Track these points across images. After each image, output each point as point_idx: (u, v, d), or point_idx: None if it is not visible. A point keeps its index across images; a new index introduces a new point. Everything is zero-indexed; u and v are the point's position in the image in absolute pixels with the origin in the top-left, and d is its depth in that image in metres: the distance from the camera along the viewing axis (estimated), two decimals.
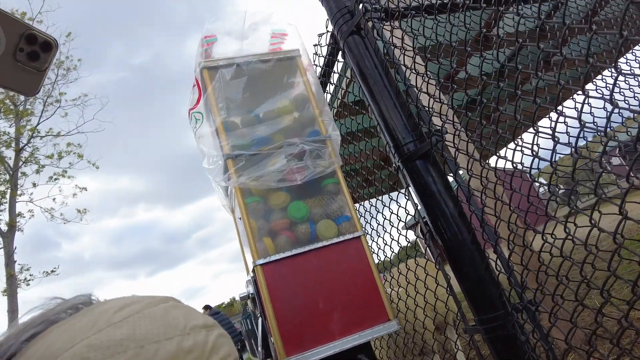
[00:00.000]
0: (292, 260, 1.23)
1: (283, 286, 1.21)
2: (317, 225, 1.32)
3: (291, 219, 1.31)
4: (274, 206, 1.33)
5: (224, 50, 1.50)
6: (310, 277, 1.23)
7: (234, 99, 1.45)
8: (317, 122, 1.44)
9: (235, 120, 1.43)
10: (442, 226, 1.32)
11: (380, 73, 1.50)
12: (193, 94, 1.52)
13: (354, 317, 1.22)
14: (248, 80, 1.49)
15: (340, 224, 1.32)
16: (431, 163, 1.35)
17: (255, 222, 1.28)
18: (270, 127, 1.40)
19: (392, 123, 1.45)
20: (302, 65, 1.50)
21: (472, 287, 1.28)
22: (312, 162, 1.32)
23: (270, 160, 1.31)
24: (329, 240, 1.28)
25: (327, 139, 1.41)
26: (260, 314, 1.27)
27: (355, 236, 1.30)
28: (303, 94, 1.47)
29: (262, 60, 1.47)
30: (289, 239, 1.28)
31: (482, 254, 1.28)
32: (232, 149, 1.32)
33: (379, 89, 1.49)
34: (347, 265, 1.27)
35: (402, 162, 1.42)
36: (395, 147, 1.45)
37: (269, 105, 1.51)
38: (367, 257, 1.29)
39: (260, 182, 1.27)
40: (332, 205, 1.36)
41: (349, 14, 1.59)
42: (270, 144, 1.36)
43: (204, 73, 1.41)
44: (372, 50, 1.52)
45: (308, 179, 1.31)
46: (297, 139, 1.34)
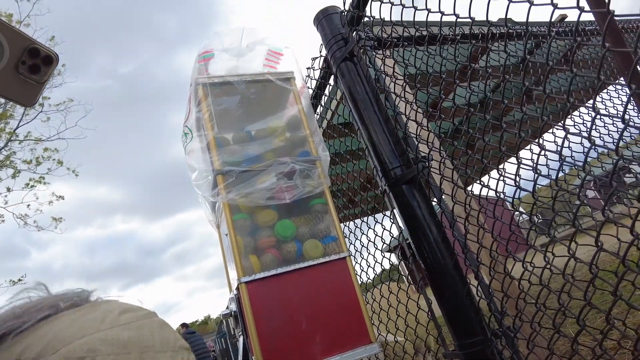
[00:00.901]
0: (278, 279, 1.24)
1: (267, 305, 1.21)
2: (303, 244, 1.33)
3: (278, 237, 1.32)
4: (261, 224, 1.34)
5: (220, 67, 1.52)
6: (295, 297, 1.23)
7: (227, 116, 1.47)
8: (307, 143, 1.47)
9: (227, 137, 1.45)
10: (425, 250, 1.35)
11: (371, 99, 1.55)
12: (186, 108, 1.53)
13: (337, 338, 1.23)
14: (242, 98, 1.51)
15: (327, 244, 1.34)
16: (417, 188, 1.39)
17: (242, 239, 1.29)
18: (262, 145, 1.42)
19: (381, 147, 1.49)
20: (296, 87, 1.54)
21: (453, 311, 1.31)
22: (301, 181, 1.34)
23: (261, 178, 1.32)
24: (315, 260, 1.29)
25: (317, 159, 1.43)
26: (242, 332, 1.26)
27: (341, 257, 1.32)
28: (295, 115, 1.50)
29: (257, 80, 1.50)
30: (275, 257, 1.29)
31: (464, 280, 1.30)
32: (223, 164, 1.33)
33: (368, 114, 1.53)
34: (331, 286, 1.28)
35: (388, 185, 1.46)
36: (382, 170, 1.48)
37: (261, 124, 1.54)
38: (352, 279, 1.30)
39: (249, 199, 1.28)
40: (319, 225, 1.37)
41: (343, 40, 1.65)
42: (260, 162, 1.38)
43: (198, 88, 1.43)
44: (364, 77, 1.57)
45: (296, 198, 1.33)
46: (288, 158, 1.36)
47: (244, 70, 1.56)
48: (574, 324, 2.89)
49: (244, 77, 1.50)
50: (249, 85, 1.50)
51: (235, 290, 1.31)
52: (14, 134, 14.81)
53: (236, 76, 1.49)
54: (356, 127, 1.68)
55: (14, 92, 0.58)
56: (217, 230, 1.62)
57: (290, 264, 1.28)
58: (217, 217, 1.56)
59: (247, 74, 1.52)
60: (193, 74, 1.49)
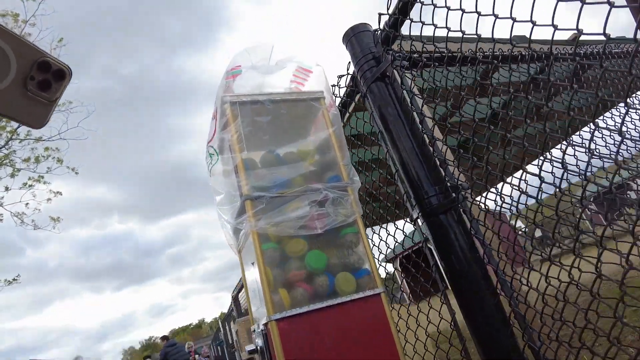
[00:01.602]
0: (309, 316, 1.16)
1: (298, 344, 1.12)
2: (335, 277, 1.25)
3: (308, 269, 1.24)
4: (291, 254, 1.26)
5: (245, 83, 1.45)
6: (327, 335, 1.15)
7: (254, 136, 1.39)
8: (338, 167, 1.39)
9: (254, 159, 1.37)
10: (463, 287, 1.28)
11: (404, 122, 1.47)
12: (211, 126, 1.46)
13: None
14: (270, 118, 1.43)
15: (360, 278, 1.26)
16: (455, 220, 1.31)
17: (271, 270, 1.20)
18: (291, 169, 1.34)
19: (414, 174, 1.41)
20: (326, 108, 1.46)
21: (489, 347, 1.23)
22: (333, 209, 1.27)
23: (292, 205, 1.24)
24: (348, 296, 1.21)
25: (349, 185, 1.35)
26: None
27: (375, 293, 1.24)
28: (325, 137, 1.43)
29: (286, 99, 1.43)
30: (306, 292, 1.20)
31: (506, 320, 1.23)
32: (252, 189, 1.25)
33: (401, 138, 1.46)
34: (365, 324, 1.19)
35: (423, 215, 1.38)
36: (416, 198, 1.41)
37: (290, 146, 1.46)
38: (387, 317, 1.22)
39: (280, 228, 1.20)
40: (351, 256, 1.29)
41: (374, 60, 1.58)
42: (290, 187, 1.30)
43: (225, 107, 1.35)
44: (397, 99, 1.50)
45: (328, 228, 1.25)
46: (321, 185, 1.28)
47: (269, 87, 1.49)
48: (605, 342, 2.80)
49: (272, 96, 1.42)
50: (277, 105, 1.43)
51: (262, 326, 1.22)
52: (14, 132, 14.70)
53: (264, 95, 1.41)
54: (385, 148, 1.60)
55: (21, 112, 0.51)
56: (239, 255, 1.54)
57: (322, 300, 1.20)
58: (238, 242, 1.48)
59: (275, 92, 1.44)
60: (219, 92, 1.41)
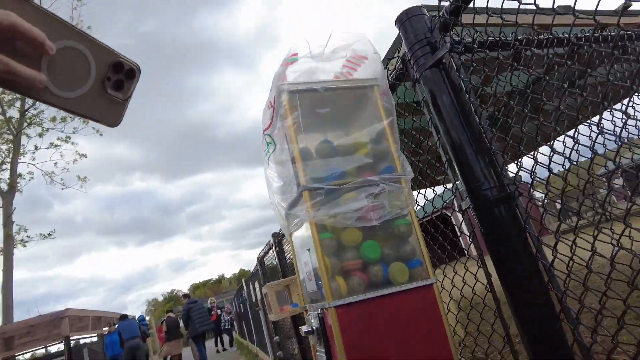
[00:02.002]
0: (365, 304, 1.22)
1: (355, 330, 1.19)
2: (389, 267, 1.29)
3: (364, 259, 1.29)
4: (346, 243, 1.30)
5: (299, 69, 1.45)
6: (382, 323, 1.21)
7: (309, 125, 1.41)
8: (391, 157, 1.40)
9: (310, 149, 1.39)
10: (512, 282, 1.31)
11: (459, 112, 1.46)
12: (266, 114, 1.48)
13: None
14: (324, 106, 1.44)
15: (413, 269, 1.30)
16: (510, 215, 1.33)
17: (328, 259, 1.26)
18: (346, 160, 1.37)
19: (468, 165, 1.42)
20: (380, 96, 1.46)
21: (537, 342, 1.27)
22: (388, 202, 1.29)
23: (348, 197, 1.27)
24: (402, 286, 1.26)
25: (402, 177, 1.37)
26: (326, 352, 1.25)
27: (427, 283, 1.28)
28: (379, 126, 1.44)
29: (340, 87, 1.43)
30: (362, 280, 1.26)
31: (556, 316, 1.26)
32: (309, 180, 1.29)
33: (456, 128, 1.45)
34: (418, 313, 1.25)
35: (475, 207, 1.39)
36: (468, 190, 1.42)
37: (344, 135, 1.47)
38: (439, 307, 1.27)
39: (338, 219, 1.24)
40: (404, 247, 1.33)
41: (429, 46, 1.54)
42: (345, 178, 1.33)
43: (282, 95, 1.37)
44: (453, 88, 1.48)
45: (383, 220, 1.28)
46: (377, 177, 1.31)
47: (322, 73, 1.48)
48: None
49: (327, 84, 1.42)
50: (332, 92, 1.43)
51: (319, 310, 1.29)
52: None
53: (319, 82, 1.41)
54: (436, 137, 1.60)
55: (100, 112, 0.53)
56: (289, 238, 1.60)
57: (377, 289, 1.25)
58: (289, 226, 1.53)
59: (329, 80, 1.44)
60: (275, 79, 1.42)
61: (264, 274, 6.44)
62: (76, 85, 0.50)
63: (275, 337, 6.37)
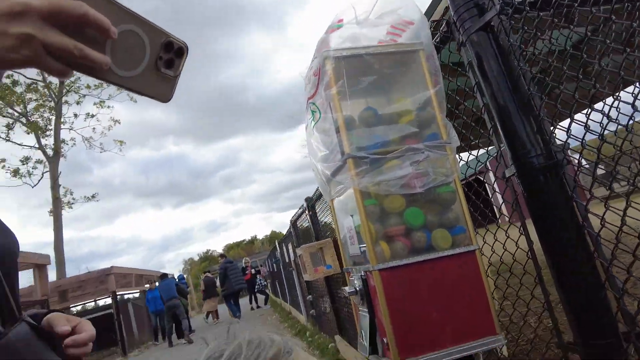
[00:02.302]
0: (408, 268, 1.26)
1: (398, 292, 1.24)
2: (432, 233, 1.32)
3: (407, 225, 1.32)
4: (389, 210, 1.33)
5: (346, 37, 1.44)
6: (424, 286, 1.26)
7: (354, 93, 1.41)
8: (436, 124, 1.40)
9: (354, 117, 1.40)
10: (556, 247, 1.31)
11: (507, 78, 1.42)
12: (311, 82, 1.49)
13: (464, 328, 1.26)
14: (369, 73, 1.43)
15: (455, 235, 1.32)
16: (556, 183, 1.31)
17: (372, 225, 1.30)
18: (390, 127, 1.37)
19: (514, 131, 1.40)
20: (425, 61, 1.44)
21: (582, 309, 1.29)
22: (432, 169, 1.30)
23: (392, 164, 1.29)
24: (444, 252, 1.29)
25: (447, 144, 1.37)
26: (369, 312, 1.32)
27: (469, 250, 1.31)
28: (424, 92, 1.42)
29: (385, 52, 1.41)
30: (405, 245, 1.29)
31: (599, 281, 1.26)
32: (354, 149, 1.31)
33: (503, 94, 1.42)
34: (460, 278, 1.28)
35: (520, 174, 1.38)
36: (514, 157, 1.40)
37: (388, 102, 1.47)
38: (480, 272, 1.29)
39: (382, 187, 1.27)
40: (447, 214, 1.35)
41: (476, 8, 1.49)
42: (389, 146, 1.34)
43: (326, 63, 1.37)
44: (500, 52, 1.43)
45: (427, 188, 1.30)
46: (422, 144, 1.31)
47: (366, 41, 1.46)
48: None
49: (370, 50, 1.41)
50: (376, 58, 1.42)
51: (362, 272, 1.35)
52: None
53: (363, 48, 1.40)
54: (481, 102, 1.57)
55: (153, 90, 0.57)
56: (330, 203, 1.64)
57: (420, 254, 1.29)
58: (332, 192, 1.57)
59: (373, 45, 1.42)
60: (319, 46, 1.42)
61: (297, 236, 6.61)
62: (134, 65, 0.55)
63: (309, 296, 6.61)
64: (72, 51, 0.47)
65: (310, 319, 6.91)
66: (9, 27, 0.43)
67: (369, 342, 1.31)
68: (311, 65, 1.48)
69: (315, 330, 6.43)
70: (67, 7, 0.44)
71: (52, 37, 0.45)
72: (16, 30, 0.43)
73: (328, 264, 3.72)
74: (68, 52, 0.46)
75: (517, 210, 1.57)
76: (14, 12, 0.43)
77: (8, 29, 0.43)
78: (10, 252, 0.76)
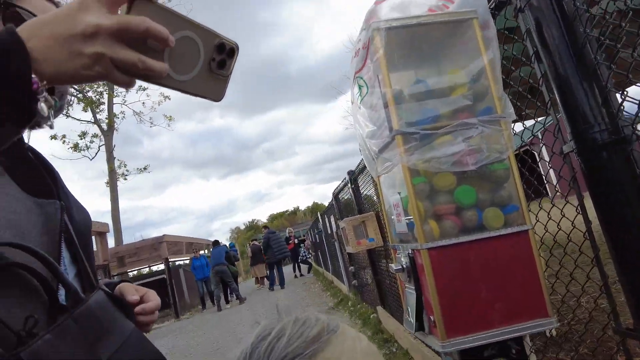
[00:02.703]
0: (458, 247, 1.23)
1: (447, 271, 1.22)
2: (483, 212, 1.28)
3: (457, 204, 1.28)
4: (439, 187, 1.30)
5: (394, 5, 1.38)
6: (474, 266, 1.23)
7: (403, 66, 1.36)
8: (491, 97, 1.33)
9: (403, 91, 1.36)
10: (621, 230, 1.23)
11: (569, 45, 1.32)
12: (358, 55, 1.45)
13: (514, 308, 1.23)
14: (419, 44, 1.38)
15: (508, 214, 1.28)
16: (621, 159, 1.22)
17: (421, 203, 1.27)
18: (442, 102, 1.32)
19: (576, 105, 1.30)
20: (480, 30, 1.35)
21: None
22: (486, 145, 1.25)
23: (443, 140, 1.25)
24: (496, 231, 1.25)
25: (502, 119, 1.30)
26: (416, 289, 1.31)
27: (522, 229, 1.26)
28: (478, 63, 1.35)
29: (437, 21, 1.34)
30: (455, 224, 1.26)
31: None
32: (403, 125, 1.27)
33: (565, 64, 1.32)
34: (511, 258, 1.24)
35: (580, 151, 1.30)
36: (574, 132, 1.31)
37: (440, 74, 1.41)
38: (533, 253, 1.25)
39: (432, 164, 1.23)
40: (500, 192, 1.30)
41: None
42: (441, 121, 1.29)
43: (374, 35, 1.32)
44: (562, 18, 1.32)
45: (480, 165, 1.25)
46: (475, 119, 1.25)
47: (415, 8, 1.39)
48: None
49: (421, 19, 1.34)
50: (427, 28, 1.35)
51: (409, 250, 1.34)
52: None
53: (413, 18, 1.34)
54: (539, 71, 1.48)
55: (207, 90, 0.59)
56: (377, 179, 1.63)
57: (470, 233, 1.25)
58: (379, 169, 1.55)
59: (423, 14, 1.35)
60: (367, 18, 1.37)
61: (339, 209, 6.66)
62: (189, 68, 0.57)
63: (350, 267, 6.70)
64: (136, 64, 0.50)
65: (352, 289, 7.03)
66: (84, 47, 0.47)
67: (415, 318, 1.31)
68: (359, 38, 1.44)
69: (357, 300, 6.55)
70: (132, 25, 0.48)
71: (120, 52, 0.49)
72: (90, 50, 0.47)
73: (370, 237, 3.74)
74: (133, 65, 0.50)
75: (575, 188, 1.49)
76: (87, 33, 0.47)
77: (83, 50, 0.47)
78: (86, 226, 0.85)
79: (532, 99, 1.61)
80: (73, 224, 0.78)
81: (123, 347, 0.66)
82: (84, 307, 0.62)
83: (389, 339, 4.14)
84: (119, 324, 0.69)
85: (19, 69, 0.46)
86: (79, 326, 0.60)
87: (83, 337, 0.60)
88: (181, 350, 6.85)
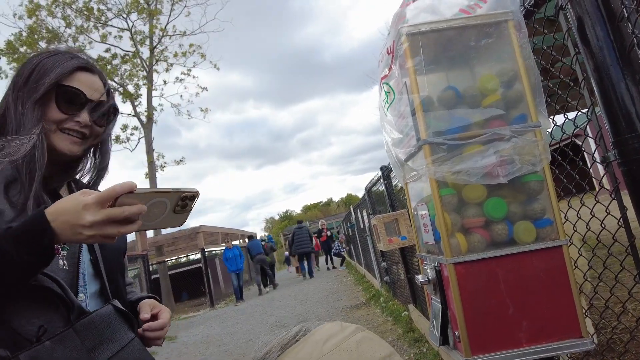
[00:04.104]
0: (486, 263, 1.18)
1: (474, 287, 1.18)
2: (514, 225, 1.22)
3: (487, 217, 1.23)
4: (468, 200, 1.25)
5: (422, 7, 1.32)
6: (503, 282, 1.18)
7: (432, 71, 1.31)
8: (525, 103, 1.26)
9: (432, 97, 1.31)
10: None
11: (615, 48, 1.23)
12: (384, 60, 1.41)
13: (544, 327, 1.17)
14: (449, 48, 1.32)
15: (541, 228, 1.21)
16: None
17: (448, 215, 1.23)
18: (472, 109, 1.26)
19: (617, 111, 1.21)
20: (514, 32, 1.28)
21: None
22: (519, 156, 1.19)
23: (474, 151, 1.19)
24: (527, 246, 1.19)
25: (537, 128, 1.23)
26: (441, 303, 1.28)
27: (556, 245, 1.19)
28: (512, 68, 1.28)
29: (468, 24, 1.28)
30: (484, 238, 1.22)
31: None
32: (431, 134, 1.23)
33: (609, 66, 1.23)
34: (543, 275, 1.18)
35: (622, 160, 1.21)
36: (616, 141, 1.23)
37: (471, 80, 1.35)
38: (567, 270, 1.18)
39: (460, 176, 1.18)
40: (533, 205, 1.23)
41: None
42: (471, 130, 1.24)
43: (402, 40, 1.28)
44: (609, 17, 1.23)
45: (511, 177, 1.19)
46: (508, 129, 1.19)
47: (445, 8, 1.33)
48: None
49: (451, 22, 1.28)
50: (458, 32, 1.30)
51: (436, 263, 1.30)
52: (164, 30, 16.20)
53: (443, 21, 1.28)
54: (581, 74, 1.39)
55: (170, 223, 0.82)
56: (405, 185, 1.59)
57: (499, 248, 1.20)
58: (406, 176, 1.51)
59: (453, 18, 1.29)
60: (394, 21, 1.33)
61: (371, 204, 6.61)
62: (159, 216, 0.78)
63: (383, 263, 6.66)
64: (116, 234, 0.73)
65: (384, 284, 6.99)
66: (83, 231, 0.70)
67: (440, 332, 1.28)
68: (385, 42, 1.40)
69: (389, 296, 6.51)
70: (115, 215, 0.70)
71: (107, 230, 0.71)
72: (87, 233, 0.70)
73: (403, 235, 3.67)
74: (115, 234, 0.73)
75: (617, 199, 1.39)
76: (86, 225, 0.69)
77: (83, 232, 0.70)
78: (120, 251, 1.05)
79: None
80: (100, 245, 0.96)
81: (120, 354, 0.80)
82: (86, 319, 0.78)
83: (419, 339, 4.09)
84: (120, 334, 0.83)
85: (49, 242, 0.70)
86: (79, 335, 0.75)
87: (81, 344, 0.75)
88: (215, 339, 7.06)
